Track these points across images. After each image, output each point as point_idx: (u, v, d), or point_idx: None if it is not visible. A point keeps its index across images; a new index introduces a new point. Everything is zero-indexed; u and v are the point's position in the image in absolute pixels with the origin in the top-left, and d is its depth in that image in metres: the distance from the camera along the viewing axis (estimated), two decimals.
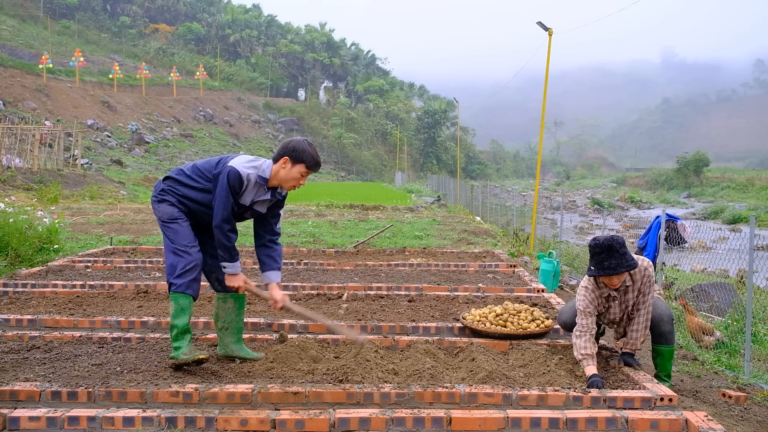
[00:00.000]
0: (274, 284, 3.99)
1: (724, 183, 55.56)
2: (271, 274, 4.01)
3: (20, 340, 4.51)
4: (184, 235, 3.84)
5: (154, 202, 3.97)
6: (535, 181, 15.42)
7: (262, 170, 3.81)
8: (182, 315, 3.78)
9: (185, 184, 3.91)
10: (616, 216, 29.39)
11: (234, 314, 4.10)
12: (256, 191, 3.85)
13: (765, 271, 6.19)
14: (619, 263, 3.87)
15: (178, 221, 3.87)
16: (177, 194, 3.91)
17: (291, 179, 3.83)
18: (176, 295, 3.78)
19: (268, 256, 4.03)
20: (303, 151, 3.79)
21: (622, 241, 3.95)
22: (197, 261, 3.84)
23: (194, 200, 3.90)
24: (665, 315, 4.15)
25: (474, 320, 4.80)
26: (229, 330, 4.11)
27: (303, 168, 3.81)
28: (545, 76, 13.00)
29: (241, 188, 3.78)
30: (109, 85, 52.86)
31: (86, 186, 23.22)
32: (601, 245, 3.93)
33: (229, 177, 3.73)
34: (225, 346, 4.13)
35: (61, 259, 7.91)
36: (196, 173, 3.93)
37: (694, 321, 6.10)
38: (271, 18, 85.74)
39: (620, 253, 3.89)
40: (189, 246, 3.83)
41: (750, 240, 5.15)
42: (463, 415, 3.28)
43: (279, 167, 3.81)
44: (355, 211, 18.74)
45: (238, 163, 3.79)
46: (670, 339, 4.14)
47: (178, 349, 3.78)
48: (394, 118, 78.25)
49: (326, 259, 8.52)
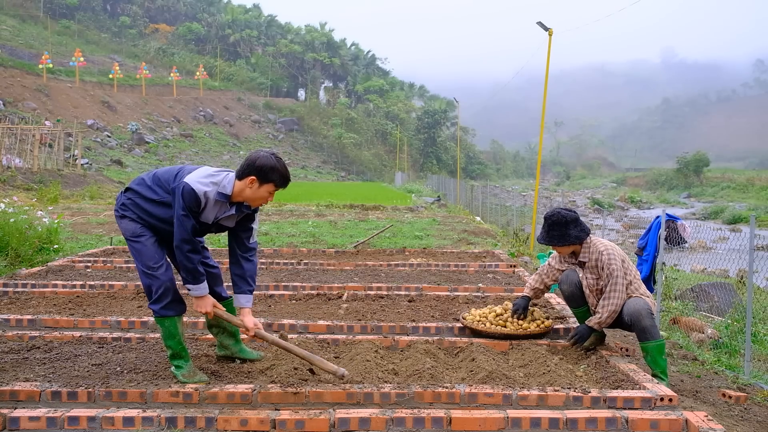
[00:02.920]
0: (247, 310, 3.73)
1: (724, 183, 55.60)
2: (241, 297, 3.74)
3: (20, 340, 4.51)
4: (148, 255, 3.63)
5: (117, 218, 3.74)
6: (535, 181, 15.42)
7: (223, 186, 3.53)
8: (171, 337, 3.69)
9: (145, 198, 3.66)
10: (616, 216, 29.42)
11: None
12: (218, 208, 3.59)
13: (765, 271, 6.19)
14: (556, 235, 4.33)
15: (141, 239, 3.64)
16: (138, 210, 3.67)
17: (258, 198, 3.58)
18: (160, 319, 3.69)
19: (238, 276, 3.75)
20: (272, 169, 3.50)
21: (570, 218, 4.32)
22: (167, 281, 3.64)
23: (155, 216, 3.65)
24: (643, 310, 4.17)
25: (474, 320, 4.80)
26: (225, 333, 4.04)
27: (271, 187, 3.55)
28: (545, 76, 13.01)
29: (198, 207, 3.52)
30: (109, 85, 52.90)
31: (86, 186, 23.22)
32: (548, 216, 4.41)
33: (183, 195, 3.46)
34: (225, 348, 4.09)
35: (61, 259, 7.90)
36: (157, 183, 3.67)
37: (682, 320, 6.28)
38: (271, 18, 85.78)
39: (562, 226, 4.31)
40: (156, 267, 3.62)
41: (750, 240, 5.15)
42: (463, 415, 3.28)
43: (245, 186, 3.52)
44: (355, 211, 18.74)
45: (194, 179, 3.50)
46: (653, 333, 4.15)
47: (179, 369, 3.70)
48: (394, 118, 78.25)
49: (326, 259, 8.52)
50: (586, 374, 4.03)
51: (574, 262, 4.51)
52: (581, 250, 4.41)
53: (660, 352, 4.15)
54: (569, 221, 4.33)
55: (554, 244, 4.39)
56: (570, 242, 4.35)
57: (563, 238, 4.34)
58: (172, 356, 3.72)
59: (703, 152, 61.07)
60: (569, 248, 4.41)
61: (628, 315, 4.21)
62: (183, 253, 3.54)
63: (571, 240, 4.34)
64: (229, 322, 3.83)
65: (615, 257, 4.30)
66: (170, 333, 3.69)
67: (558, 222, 4.34)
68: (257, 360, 4.09)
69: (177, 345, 3.70)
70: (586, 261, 4.40)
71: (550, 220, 4.38)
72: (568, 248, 4.41)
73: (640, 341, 4.20)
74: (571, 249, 4.42)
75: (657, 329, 4.19)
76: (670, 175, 61.98)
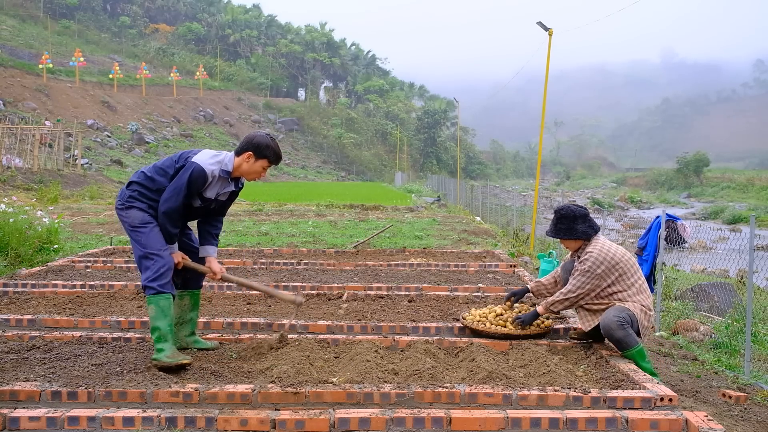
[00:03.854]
0: (212, 258, 4.17)
1: (724, 183, 55.62)
2: (209, 248, 4.19)
3: (20, 340, 4.51)
4: (155, 240, 3.91)
5: (121, 209, 3.99)
6: (535, 181, 15.42)
7: (225, 164, 3.97)
8: (164, 317, 3.86)
9: (150, 189, 3.96)
10: (616, 216, 29.42)
11: (189, 310, 4.30)
12: (221, 184, 4.02)
13: (765, 271, 6.18)
14: (562, 228, 4.42)
15: (149, 225, 3.92)
16: (145, 199, 3.96)
17: (253, 172, 4.03)
18: (155, 297, 3.85)
19: (208, 232, 4.21)
20: (266, 147, 3.97)
21: (579, 213, 4.42)
22: (170, 263, 3.94)
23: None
24: (612, 323, 4.14)
25: (474, 320, 4.80)
26: (183, 325, 4.30)
27: (266, 162, 4.01)
28: (545, 76, 13.01)
29: (204, 184, 3.92)
30: (109, 85, 52.86)
31: (86, 186, 23.23)
32: (558, 210, 4.52)
33: (193, 173, 3.84)
34: (179, 339, 4.28)
35: (61, 259, 7.91)
36: (159, 173, 3.98)
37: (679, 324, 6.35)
38: (271, 18, 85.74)
39: (570, 220, 4.40)
40: (162, 249, 3.91)
41: (750, 240, 5.15)
42: (463, 415, 3.28)
43: (242, 161, 3.99)
44: (355, 211, 18.74)
45: (202, 160, 3.91)
46: (628, 342, 4.13)
47: (160, 351, 3.83)
48: (394, 118, 78.24)
49: (326, 259, 8.52)
50: (586, 374, 4.03)
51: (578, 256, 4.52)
52: (580, 248, 4.46)
53: (641, 358, 4.14)
54: (578, 216, 4.41)
55: (560, 237, 4.46)
56: (576, 236, 4.41)
57: (569, 231, 4.41)
58: (158, 338, 3.87)
59: (703, 152, 61.07)
60: (576, 243, 4.46)
61: (602, 330, 4.22)
62: (169, 219, 3.89)
63: (577, 234, 4.40)
64: (196, 270, 4.20)
65: (596, 259, 4.27)
66: (164, 312, 3.86)
67: (566, 215, 4.43)
68: (212, 349, 4.30)
69: (167, 326, 3.89)
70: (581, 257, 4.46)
71: (559, 213, 4.48)
72: (575, 243, 4.46)
73: (620, 352, 4.22)
74: (578, 245, 4.47)
75: (632, 336, 4.15)
76: (670, 175, 61.99)
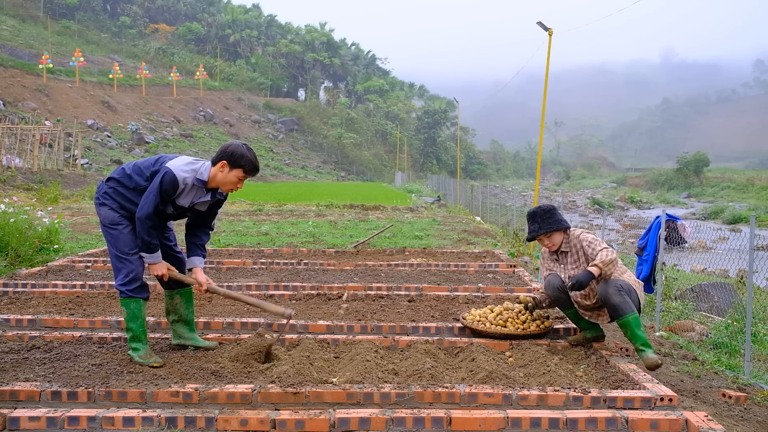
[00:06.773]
0: (199, 269, 4.11)
1: (724, 183, 55.58)
2: (196, 259, 4.14)
3: (20, 340, 4.51)
4: (124, 242, 3.90)
5: (97, 205, 3.99)
6: (535, 181, 15.42)
7: (200, 173, 3.87)
8: (135, 319, 3.95)
9: (127, 187, 3.93)
10: (616, 216, 29.41)
11: (183, 308, 4.31)
12: (194, 193, 3.92)
13: (765, 271, 6.18)
14: (539, 227, 4.54)
15: (119, 227, 3.91)
16: (119, 198, 3.93)
17: (228, 183, 3.91)
18: (126, 300, 3.94)
19: (194, 243, 4.15)
20: (241, 156, 3.85)
21: (547, 208, 4.60)
22: (138, 267, 3.94)
23: (136, 203, 3.89)
24: (610, 288, 4.25)
25: (474, 320, 4.80)
26: (180, 322, 4.33)
27: (240, 173, 3.88)
28: (545, 76, 13.01)
29: (175, 192, 3.83)
30: (109, 85, 52.84)
31: (86, 186, 23.22)
32: (529, 213, 4.66)
33: (164, 179, 3.77)
34: (179, 336, 4.33)
35: (61, 259, 7.91)
36: (137, 172, 3.95)
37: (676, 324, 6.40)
38: (271, 18, 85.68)
39: (542, 218, 4.54)
40: (130, 253, 3.91)
41: (750, 240, 5.15)
42: (463, 415, 3.28)
43: (217, 170, 3.88)
44: (355, 211, 18.74)
45: (176, 165, 3.83)
46: (624, 308, 4.21)
47: (135, 350, 3.97)
48: (394, 118, 78.22)
49: (326, 259, 8.52)
50: (586, 374, 4.04)
51: (556, 258, 4.64)
52: (563, 242, 4.56)
53: (637, 326, 4.21)
54: (550, 209, 4.60)
55: (546, 231, 4.52)
56: (562, 225, 4.54)
57: (556, 222, 4.53)
58: (132, 338, 3.97)
59: (703, 152, 61.03)
60: (560, 235, 4.56)
61: (600, 297, 4.32)
62: (144, 226, 3.81)
63: (562, 223, 4.56)
64: (182, 281, 4.15)
65: (592, 237, 4.50)
66: (134, 315, 3.93)
67: (545, 211, 4.58)
68: (210, 348, 4.31)
69: (138, 327, 3.97)
70: (569, 250, 4.55)
71: (535, 213, 4.62)
72: (560, 235, 4.56)
73: (616, 319, 4.28)
74: (559, 237, 4.56)
75: (629, 304, 4.24)
76: (670, 175, 61.95)
